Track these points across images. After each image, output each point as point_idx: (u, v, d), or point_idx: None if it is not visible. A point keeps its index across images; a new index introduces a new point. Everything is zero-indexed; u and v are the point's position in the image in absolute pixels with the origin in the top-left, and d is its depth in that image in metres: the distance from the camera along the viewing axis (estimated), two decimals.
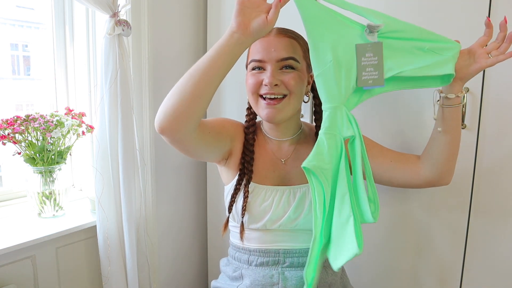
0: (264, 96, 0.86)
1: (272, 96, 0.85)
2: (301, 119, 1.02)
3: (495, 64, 0.74)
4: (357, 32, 0.76)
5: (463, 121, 0.99)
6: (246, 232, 0.95)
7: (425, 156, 0.89)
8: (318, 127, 0.96)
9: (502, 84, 0.96)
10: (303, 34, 0.83)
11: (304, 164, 0.76)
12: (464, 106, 0.99)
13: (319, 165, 0.76)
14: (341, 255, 0.75)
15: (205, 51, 1.53)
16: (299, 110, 0.95)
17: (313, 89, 0.95)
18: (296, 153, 0.95)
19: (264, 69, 0.86)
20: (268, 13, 0.71)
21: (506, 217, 0.99)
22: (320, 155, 0.76)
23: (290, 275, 0.92)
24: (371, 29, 0.73)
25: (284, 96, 0.86)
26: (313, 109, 0.98)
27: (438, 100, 0.83)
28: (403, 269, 1.16)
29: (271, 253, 0.93)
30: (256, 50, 0.87)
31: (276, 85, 0.84)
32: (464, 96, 0.99)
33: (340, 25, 0.75)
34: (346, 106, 0.77)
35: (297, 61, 0.86)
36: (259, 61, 0.86)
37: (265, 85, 0.85)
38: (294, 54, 0.86)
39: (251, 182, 0.92)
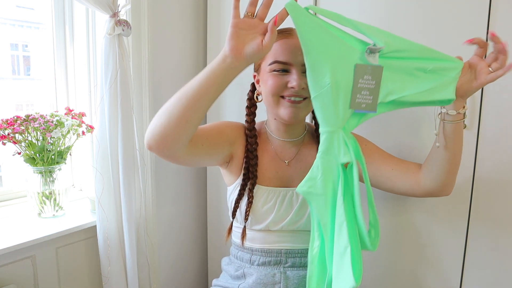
0: (287, 97, 0.84)
1: (297, 99, 0.84)
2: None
3: (495, 79, 0.72)
4: (358, 52, 0.72)
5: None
6: (249, 232, 0.95)
7: (425, 168, 0.88)
8: (317, 124, 0.94)
9: (502, 84, 0.96)
10: None
11: (297, 188, 0.75)
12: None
13: (310, 191, 0.74)
14: (340, 284, 0.72)
15: (205, 51, 1.53)
16: None
17: None
18: (300, 155, 0.95)
19: (288, 71, 0.83)
20: (265, 36, 0.68)
21: (506, 218, 0.99)
22: (313, 181, 0.74)
23: (292, 274, 0.93)
24: (372, 50, 0.71)
25: (305, 98, 0.85)
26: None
27: (440, 114, 0.81)
28: (403, 270, 1.16)
29: (273, 253, 0.93)
30: (280, 51, 0.83)
31: (303, 88, 0.82)
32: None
33: (340, 45, 0.72)
34: (345, 129, 0.74)
35: None
36: (285, 63, 0.83)
37: (292, 87, 0.82)
38: None
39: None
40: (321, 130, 0.75)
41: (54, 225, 1.19)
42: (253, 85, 0.97)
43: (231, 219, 0.97)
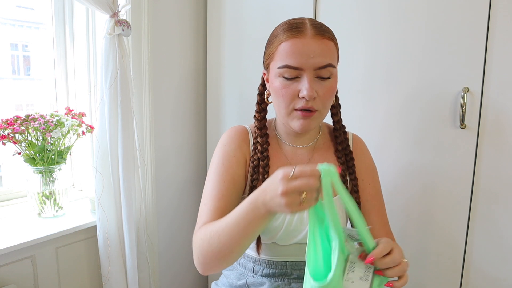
0: (299, 109, 0.76)
1: (310, 110, 0.76)
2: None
3: None
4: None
5: (463, 120, 1.00)
6: (253, 242, 0.87)
7: None
8: (335, 122, 0.89)
9: (502, 84, 0.96)
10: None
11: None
12: (464, 106, 0.99)
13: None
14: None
15: (205, 50, 1.53)
16: None
17: None
18: (312, 162, 0.87)
19: (299, 77, 0.74)
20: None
21: (506, 218, 0.99)
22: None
23: (297, 287, 0.87)
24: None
25: (317, 110, 0.77)
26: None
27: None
28: None
29: (278, 265, 0.87)
30: (290, 54, 0.72)
31: (314, 98, 0.74)
32: (464, 96, 0.99)
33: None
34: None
35: (335, 67, 0.75)
36: (296, 68, 0.73)
37: (303, 97, 0.74)
38: (333, 59, 0.74)
39: None
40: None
41: (54, 225, 1.19)
42: (263, 78, 0.88)
43: None
